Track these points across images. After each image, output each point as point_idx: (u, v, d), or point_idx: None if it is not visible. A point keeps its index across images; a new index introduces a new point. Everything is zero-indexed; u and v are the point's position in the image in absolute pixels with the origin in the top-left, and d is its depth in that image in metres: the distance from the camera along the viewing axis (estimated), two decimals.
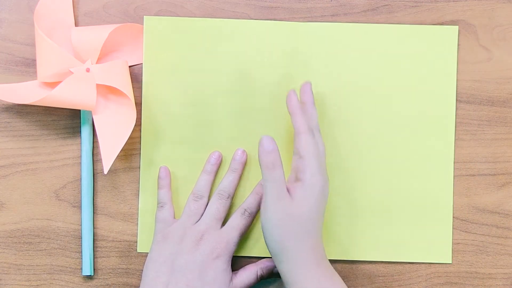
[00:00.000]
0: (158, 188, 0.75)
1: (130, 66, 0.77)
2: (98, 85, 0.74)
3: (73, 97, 0.73)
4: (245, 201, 0.74)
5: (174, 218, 0.74)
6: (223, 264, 0.71)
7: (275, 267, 0.73)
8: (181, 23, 0.77)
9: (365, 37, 0.76)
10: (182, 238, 0.71)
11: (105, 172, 0.72)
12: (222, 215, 0.73)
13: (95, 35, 0.74)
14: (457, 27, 0.76)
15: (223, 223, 0.73)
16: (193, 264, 0.70)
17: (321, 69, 0.76)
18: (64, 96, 0.73)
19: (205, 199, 0.74)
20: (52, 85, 0.74)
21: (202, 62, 0.77)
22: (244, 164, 0.76)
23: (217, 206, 0.73)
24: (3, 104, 0.77)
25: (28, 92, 0.74)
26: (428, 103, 0.76)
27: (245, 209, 0.73)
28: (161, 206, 0.74)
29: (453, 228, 0.77)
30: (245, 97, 0.76)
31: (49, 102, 0.73)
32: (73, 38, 0.74)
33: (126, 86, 0.74)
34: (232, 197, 0.74)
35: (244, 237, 0.75)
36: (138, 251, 0.76)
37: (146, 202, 0.76)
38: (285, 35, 0.76)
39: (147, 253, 0.75)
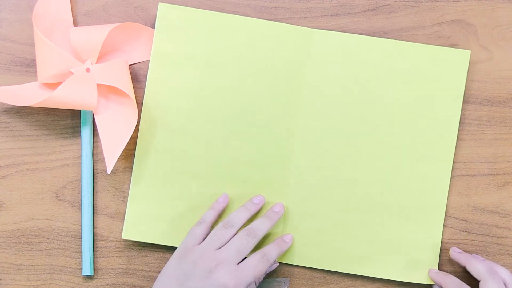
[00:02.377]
0: (209, 207, 0.75)
1: (130, 65, 0.77)
2: (98, 85, 0.74)
3: (74, 97, 0.73)
4: (267, 247, 0.74)
5: (204, 239, 0.73)
6: None
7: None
8: (196, 14, 0.76)
9: (374, 50, 0.76)
10: (198, 261, 0.70)
11: (109, 172, 0.72)
12: (245, 252, 0.72)
13: (94, 35, 0.74)
14: (469, 51, 0.76)
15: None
16: None
17: (329, 78, 0.76)
18: (66, 97, 0.73)
19: (234, 230, 0.73)
20: (53, 86, 0.74)
21: (212, 56, 0.76)
22: (280, 217, 0.76)
23: (243, 242, 0.72)
24: (3, 104, 0.77)
25: (29, 94, 0.74)
26: (432, 119, 0.76)
27: (265, 254, 0.73)
28: (200, 223, 0.74)
29: (452, 228, 0.77)
30: (250, 95, 0.76)
31: (51, 104, 0.73)
32: (72, 38, 0.74)
33: (126, 85, 0.74)
34: (259, 240, 0.74)
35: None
36: (123, 237, 0.76)
37: (137, 189, 0.76)
38: (297, 39, 0.76)
39: (133, 241, 0.76)
